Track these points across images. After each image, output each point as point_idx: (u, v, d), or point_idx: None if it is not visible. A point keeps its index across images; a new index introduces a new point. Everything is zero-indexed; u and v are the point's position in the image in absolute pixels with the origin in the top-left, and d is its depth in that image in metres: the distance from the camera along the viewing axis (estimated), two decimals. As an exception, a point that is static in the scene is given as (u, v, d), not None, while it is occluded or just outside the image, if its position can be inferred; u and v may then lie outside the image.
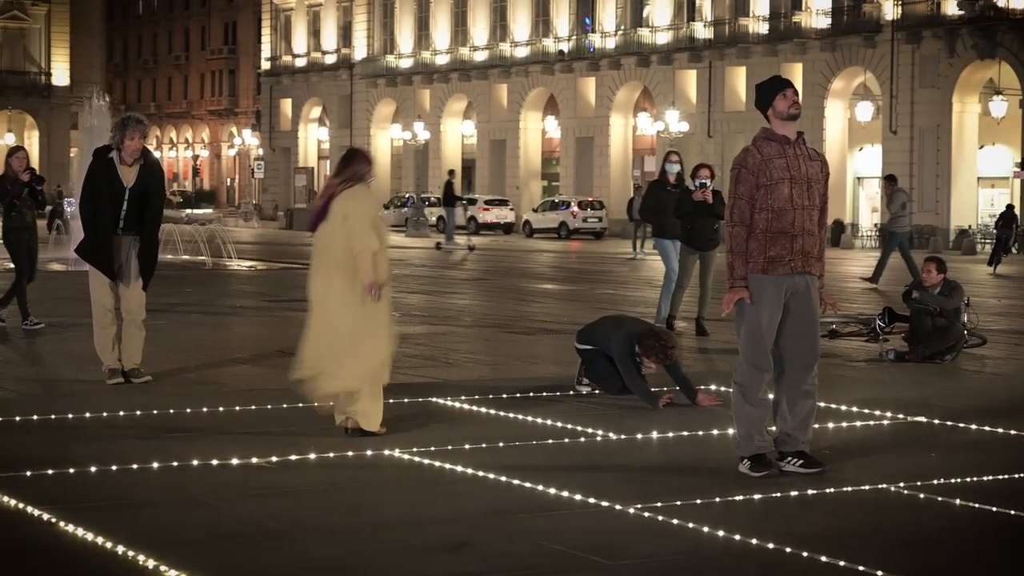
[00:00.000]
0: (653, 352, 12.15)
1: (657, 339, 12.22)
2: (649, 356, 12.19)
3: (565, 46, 78.14)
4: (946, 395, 13.40)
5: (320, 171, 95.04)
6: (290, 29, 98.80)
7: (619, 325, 12.69)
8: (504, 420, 11.36)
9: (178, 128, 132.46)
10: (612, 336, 12.45)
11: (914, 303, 16.04)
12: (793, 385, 9.44)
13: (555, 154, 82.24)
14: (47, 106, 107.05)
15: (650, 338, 12.24)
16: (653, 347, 12.15)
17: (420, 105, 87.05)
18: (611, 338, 12.45)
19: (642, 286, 29.63)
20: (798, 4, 67.04)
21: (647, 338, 12.24)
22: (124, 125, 12.96)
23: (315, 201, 11.12)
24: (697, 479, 9.20)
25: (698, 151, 68.41)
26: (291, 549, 7.25)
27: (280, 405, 11.75)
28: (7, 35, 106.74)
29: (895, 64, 62.68)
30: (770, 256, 9.31)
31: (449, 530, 7.70)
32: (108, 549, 7.10)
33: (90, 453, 9.53)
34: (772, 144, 9.44)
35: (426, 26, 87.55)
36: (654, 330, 12.56)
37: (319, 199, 10.88)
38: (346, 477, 9.12)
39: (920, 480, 9.12)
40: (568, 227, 68.08)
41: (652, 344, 12.16)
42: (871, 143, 66.29)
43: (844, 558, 7.13)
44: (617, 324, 12.76)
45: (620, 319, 13.14)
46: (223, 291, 26.14)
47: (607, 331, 12.62)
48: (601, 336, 12.64)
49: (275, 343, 16.49)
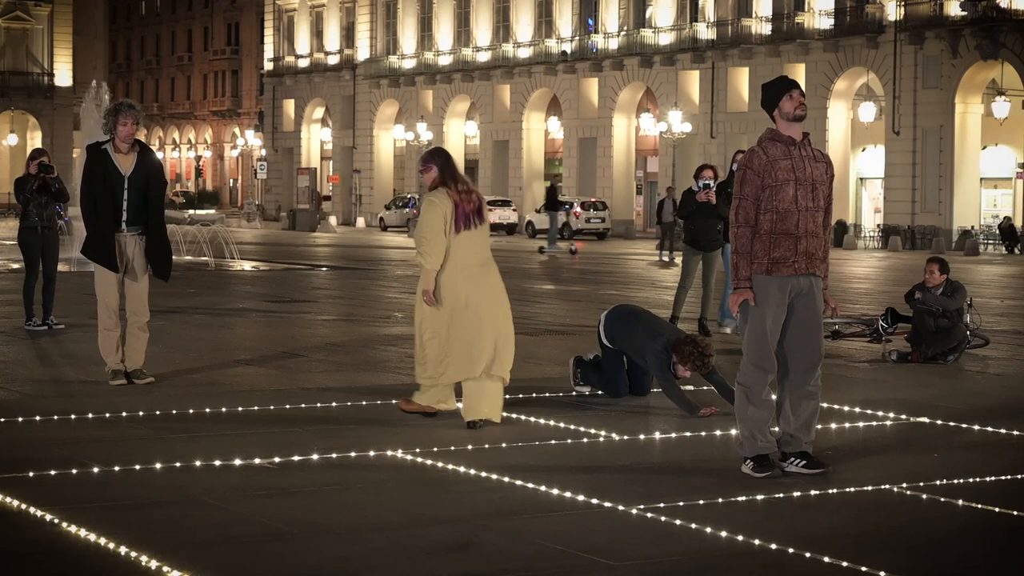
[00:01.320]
0: (691, 359, 11.80)
1: (695, 346, 11.84)
2: (686, 364, 11.83)
3: (568, 47, 78.14)
4: (949, 396, 13.40)
5: (323, 172, 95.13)
6: (293, 30, 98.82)
7: (656, 334, 12.15)
8: (506, 420, 11.36)
9: (181, 129, 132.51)
10: (648, 346, 12.05)
11: (917, 304, 16.04)
12: (796, 386, 9.43)
13: (558, 155, 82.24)
14: (50, 107, 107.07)
15: (687, 345, 11.88)
16: (691, 354, 11.79)
17: (423, 106, 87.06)
18: (647, 348, 12.05)
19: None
20: (801, 5, 67.04)
21: (684, 345, 11.87)
22: (116, 111, 12.80)
23: (460, 205, 11.22)
24: (700, 480, 9.20)
25: (701, 152, 68.46)
26: (294, 549, 7.25)
27: (283, 406, 11.76)
28: (10, 36, 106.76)
29: (898, 65, 62.67)
30: (774, 257, 9.31)
31: (452, 531, 7.70)
32: (111, 550, 7.10)
33: (93, 454, 9.53)
34: (777, 145, 9.43)
35: (429, 27, 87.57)
36: (691, 337, 12.14)
37: (466, 204, 11.23)
38: (349, 478, 9.12)
39: (923, 481, 9.12)
40: (571, 228, 68.08)
41: (690, 351, 11.80)
42: (874, 144, 66.31)
43: (847, 559, 7.13)
44: (654, 333, 12.19)
45: (655, 326, 12.45)
46: (226, 292, 26.15)
47: (642, 340, 12.17)
48: (636, 343, 12.24)
49: (278, 344, 16.50)
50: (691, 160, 64.07)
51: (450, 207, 11.13)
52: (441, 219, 11.11)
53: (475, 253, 11.25)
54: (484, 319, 11.24)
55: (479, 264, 11.28)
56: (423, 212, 11.23)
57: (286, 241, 56.57)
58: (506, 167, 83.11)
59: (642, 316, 12.72)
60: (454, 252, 11.15)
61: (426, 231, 11.11)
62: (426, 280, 11.12)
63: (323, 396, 12.38)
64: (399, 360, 15.47)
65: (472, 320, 11.18)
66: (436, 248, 11.08)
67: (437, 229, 11.09)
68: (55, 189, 17.77)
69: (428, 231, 11.10)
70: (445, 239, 11.10)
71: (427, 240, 11.10)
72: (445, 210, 11.12)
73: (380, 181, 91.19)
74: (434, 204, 11.15)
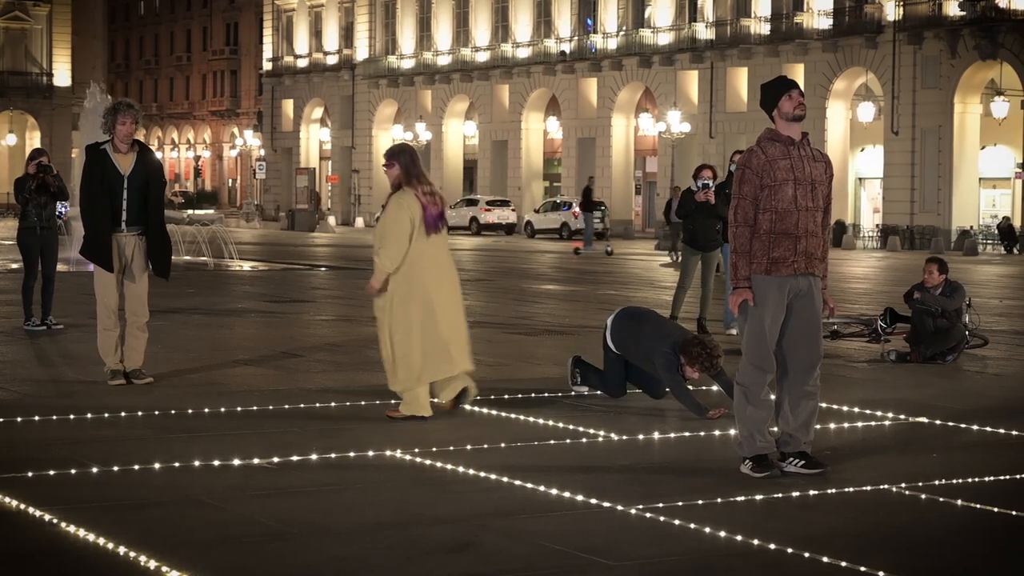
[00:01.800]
0: (699, 361, 11.71)
1: (703, 348, 11.75)
2: (694, 365, 11.74)
3: (567, 47, 78.16)
4: (948, 396, 13.40)
5: (321, 172, 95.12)
6: (292, 30, 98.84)
7: (664, 336, 12.03)
8: (506, 421, 11.36)
9: (180, 129, 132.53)
10: (656, 348, 11.91)
11: (915, 304, 16.04)
12: (795, 386, 9.44)
13: (557, 155, 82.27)
14: (48, 107, 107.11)
15: (695, 346, 11.76)
16: (699, 356, 11.70)
17: (422, 106, 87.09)
18: (655, 350, 11.91)
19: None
20: (800, 5, 67.07)
21: (692, 347, 11.75)
22: (115, 110, 12.77)
23: (427, 208, 11.35)
24: (699, 480, 9.20)
25: (700, 152, 68.49)
26: (293, 549, 7.25)
27: (282, 406, 11.76)
28: (9, 36, 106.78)
29: (897, 65, 62.70)
30: (773, 257, 9.31)
31: (451, 531, 7.70)
32: (110, 550, 7.10)
33: (92, 454, 9.53)
34: (776, 145, 9.43)
35: (428, 27, 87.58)
36: (699, 339, 12.05)
37: (431, 206, 11.34)
38: (348, 478, 9.12)
39: (922, 481, 9.12)
40: (570, 228, 68.14)
41: (698, 352, 11.71)
42: (873, 144, 66.36)
43: (846, 559, 7.13)
44: (662, 335, 12.06)
45: (662, 328, 12.31)
46: (225, 292, 26.15)
47: (650, 342, 12.03)
48: (644, 347, 12.09)
49: (277, 344, 16.50)
50: (690, 160, 64.11)
51: (419, 211, 11.22)
52: (408, 222, 11.21)
53: (442, 255, 11.46)
54: (456, 320, 11.52)
55: (446, 265, 11.53)
56: (390, 212, 11.31)
57: (285, 241, 56.57)
58: (505, 167, 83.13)
59: (649, 318, 12.64)
60: (423, 254, 11.27)
61: (391, 233, 11.24)
62: (378, 278, 11.31)
63: (322, 396, 12.38)
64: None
65: (444, 320, 11.36)
66: (398, 251, 11.24)
67: (403, 233, 11.23)
68: (54, 189, 17.75)
69: (393, 233, 11.23)
70: (408, 244, 11.17)
71: (391, 242, 11.23)
72: (413, 214, 11.22)
73: (379, 181, 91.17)
74: (402, 207, 11.25)
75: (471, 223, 73.43)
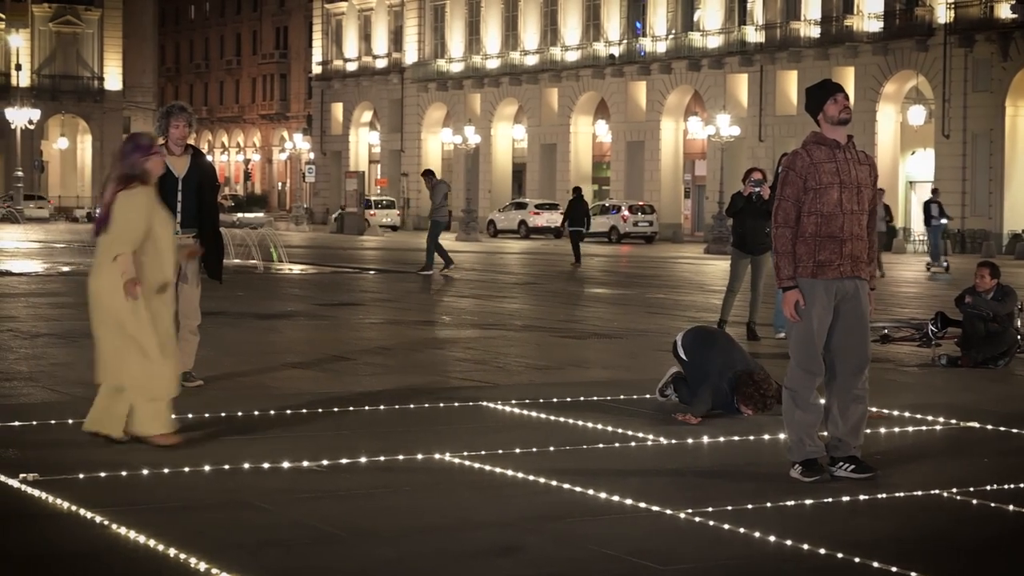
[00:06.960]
0: (751, 401, 11.51)
1: (757, 388, 11.47)
2: (747, 404, 11.54)
3: (616, 50, 78.13)
4: (999, 400, 13.32)
5: (371, 175, 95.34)
6: (341, 33, 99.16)
7: (727, 367, 11.59)
8: (554, 424, 11.35)
9: (229, 132, 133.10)
10: (712, 378, 11.52)
11: (967, 308, 15.96)
12: (844, 390, 9.40)
13: (605, 158, 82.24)
14: (100, 110, 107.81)
15: (749, 385, 11.49)
16: (751, 396, 11.49)
17: (471, 109, 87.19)
18: (711, 378, 11.53)
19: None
20: (850, 7, 66.83)
21: (745, 385, 11.49)
22: (168, 113, 12.77)
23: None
24: (748, 484, 9.17)
25: (749, 155, 68.29)
26: (342, 552, 7.27)
27: (331, 408, 11.79)
28: (61, 40, 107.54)
29: (947, 68, 62.39)
30: (819, 260, 9.29)
31: (499, 534, 7.70)
32: (160, 551, 7.13)
33: (142, 456, 9.58)
34: (822, 148, 9.41)
35: (477, 30, 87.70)
36: (754, 377, 11.58)
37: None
38: (397, 481, 9.13)
39: (972, 486, 9.07)
40: (619, 231, 68.11)
41: (751, 393, 11.48)
42: (923, 147, 66.02)
43: (896, 564, 7.10)
44: (726, 364, 11.61)
45: (730, 355, 11.81)
46: (274, 295, 26.24)
47: (712, 369, 11.60)
48: (705, 369, 11.67)
49: (326, 347, 16.54)
50: (739, 163, 63.93)
51: None
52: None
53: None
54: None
55: None
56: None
57: (334, 244, 56.71)
58: (553, 171, 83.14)
59: (720, 342, 12.17)
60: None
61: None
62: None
63: (371, 399, 12.40)
64: (447, 363, 15.50)
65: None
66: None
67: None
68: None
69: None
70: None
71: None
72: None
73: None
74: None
75: (520, 226, 73.53)
